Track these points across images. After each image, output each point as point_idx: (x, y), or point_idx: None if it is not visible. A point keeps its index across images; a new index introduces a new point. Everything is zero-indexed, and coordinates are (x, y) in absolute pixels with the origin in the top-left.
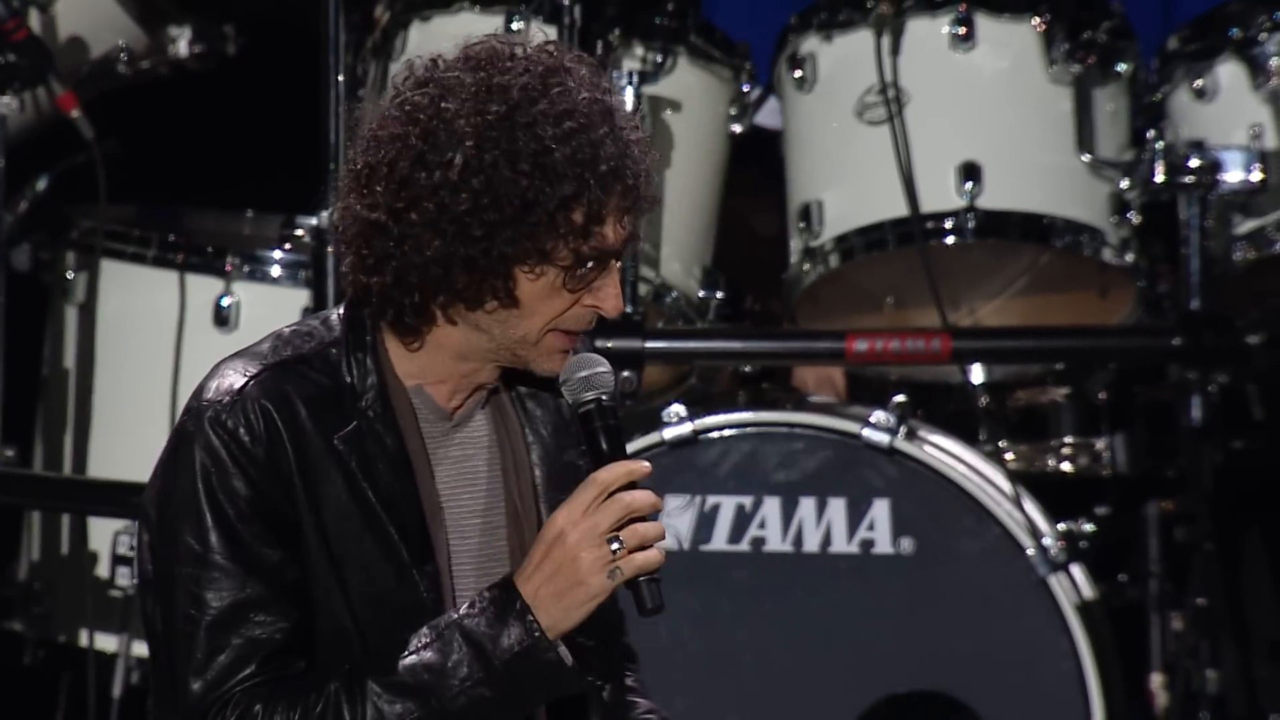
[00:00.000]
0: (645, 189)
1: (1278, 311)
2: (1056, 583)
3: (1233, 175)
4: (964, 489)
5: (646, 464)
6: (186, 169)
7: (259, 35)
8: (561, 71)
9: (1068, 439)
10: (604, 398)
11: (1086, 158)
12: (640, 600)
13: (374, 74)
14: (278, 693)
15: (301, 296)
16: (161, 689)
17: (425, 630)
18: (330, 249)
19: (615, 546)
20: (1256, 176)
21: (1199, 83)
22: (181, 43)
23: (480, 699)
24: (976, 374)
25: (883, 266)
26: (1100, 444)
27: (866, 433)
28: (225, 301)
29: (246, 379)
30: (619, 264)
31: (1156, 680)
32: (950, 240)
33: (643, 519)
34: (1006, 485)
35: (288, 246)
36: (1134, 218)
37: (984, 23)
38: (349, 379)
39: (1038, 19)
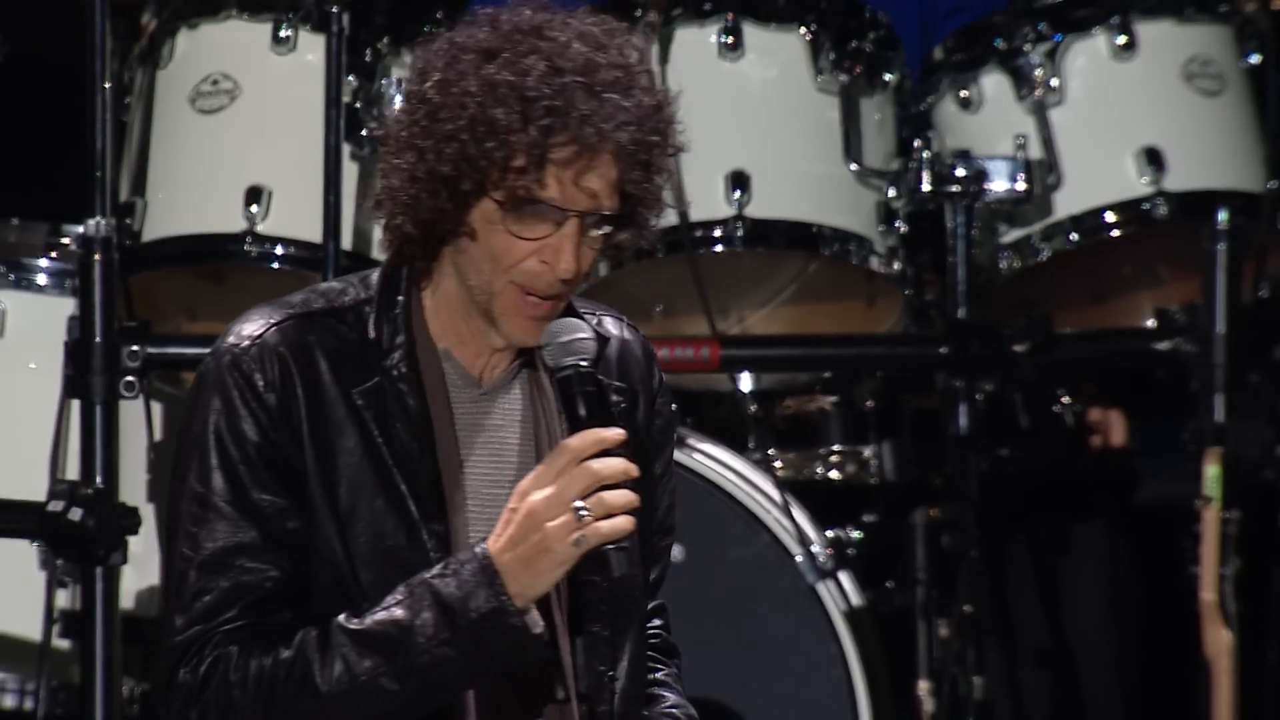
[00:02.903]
0: (614, 155)
1: (1043, 320)
2: (825, 590)
3: (998, 185)
4: (733, 496)
5: (620, 431)
6: None
7: (24, 42)
8: (567, 26)
9: (836, 447)
10: (583, 364)
11: (854, 167)
12: (607, 568)
13: (141, 81)
14: (256, 637)
15: (68, 305)
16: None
17: (400, 588)
18: (98, 257)
19: (582, 514)
20: (1022, 186)
21: (964, 93)
22: None
23: (444, 659)
24: (745, 382)
25: (651, 274)
26: (868, 452)
27: None
28: None
29: (269, 326)
30: (585, 228)
31: (923, 687)
32: (719, 249)
33: (613, 487)
34: (775, 493)
35: (54, 254)
36: (901, 227)
37: (751, 32)
38: (376, 335)
39: (805, 29)
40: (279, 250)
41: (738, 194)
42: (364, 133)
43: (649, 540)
